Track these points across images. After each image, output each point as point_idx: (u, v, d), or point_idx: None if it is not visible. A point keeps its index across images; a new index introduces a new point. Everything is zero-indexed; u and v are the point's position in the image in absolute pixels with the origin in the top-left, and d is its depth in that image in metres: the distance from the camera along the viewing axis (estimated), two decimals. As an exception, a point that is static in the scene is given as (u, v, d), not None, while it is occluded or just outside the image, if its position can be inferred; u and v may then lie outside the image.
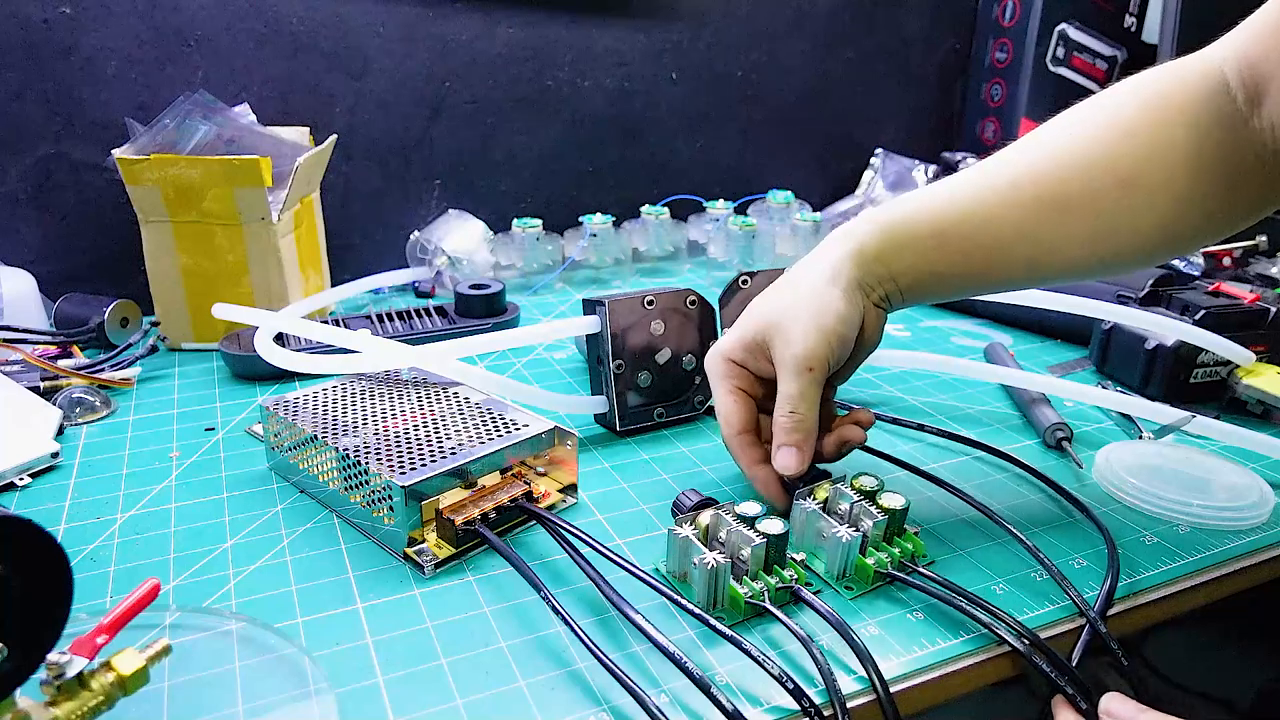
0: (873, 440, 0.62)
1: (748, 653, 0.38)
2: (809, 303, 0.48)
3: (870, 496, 0.48)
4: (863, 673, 0.38)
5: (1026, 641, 0.40)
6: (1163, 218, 0.45)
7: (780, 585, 0.43)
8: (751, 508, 0.45)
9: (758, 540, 0.43)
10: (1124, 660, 0.41)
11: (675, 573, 0.46)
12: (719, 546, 0.44)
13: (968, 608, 0.42)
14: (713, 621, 0.40)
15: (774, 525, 0.44)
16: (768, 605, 0.41)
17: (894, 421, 0.64)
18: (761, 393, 0.52)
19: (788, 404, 0.48)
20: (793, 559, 0.45)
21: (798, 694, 0.36)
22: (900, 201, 0.49)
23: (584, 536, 0.46)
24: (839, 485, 0.48)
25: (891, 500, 0.47)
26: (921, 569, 0.45)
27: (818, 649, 0.39)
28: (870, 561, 0.45)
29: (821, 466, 0.52)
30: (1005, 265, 0.48)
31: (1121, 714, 0.38)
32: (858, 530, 0.45)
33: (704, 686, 0.36)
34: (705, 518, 0.45)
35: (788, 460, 0.48)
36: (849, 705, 0.37)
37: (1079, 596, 0.44)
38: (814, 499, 0.47)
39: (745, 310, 0.52)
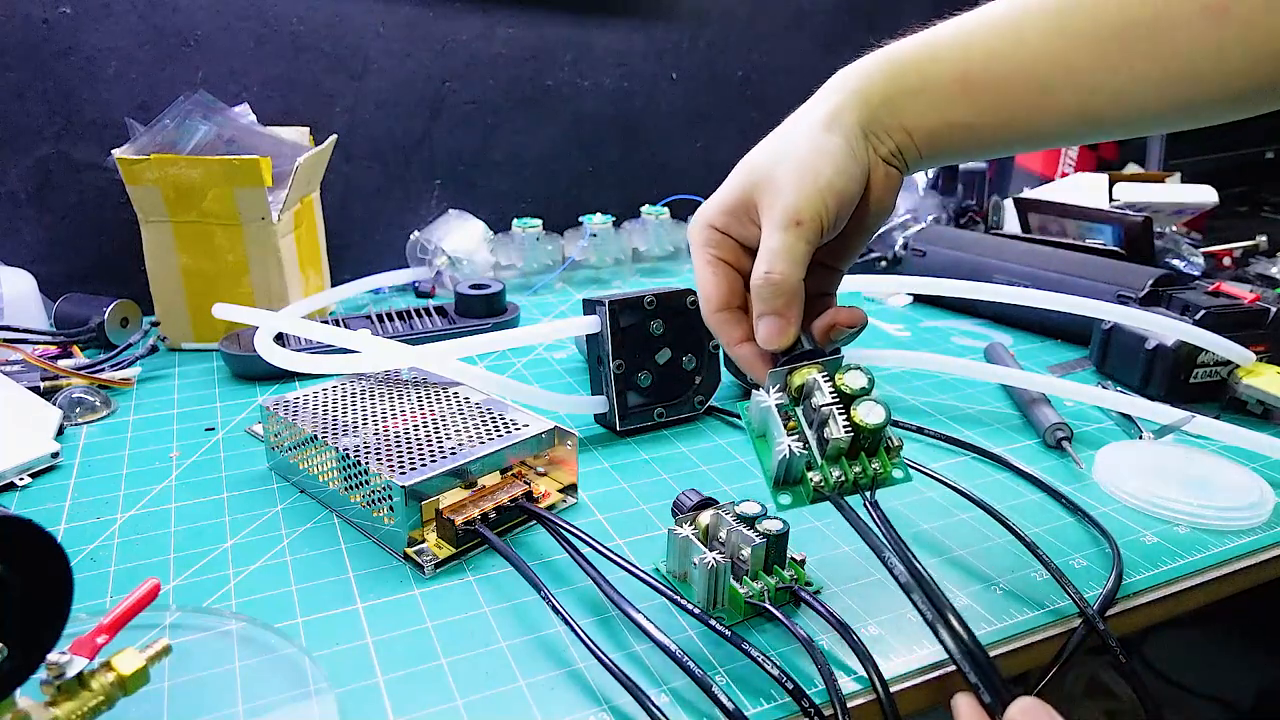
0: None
1: (747, 653, 0.38)
2: (802, 149, 0.40)
3: (849, 401, 0.39)
4: (863, 673, 0.38)
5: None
6: (1250, 46, 0.36)
7: (780, 585, 0.42)
8: (751, 507, 0.45)
9: (758, 540, 0.43)
10: (1122, 658, 0.41)
11: (675, 572, 0.45)
12: (719, 546, 0.44)
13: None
14: (712, 622, 0.40)
15: (774, 525, 0.44)
16: (768, 605, 0.41)
17: (893, 424, 0.64)
18: (749, 265, 0.42)
19: (766, 262, 0.39)
20: (793, 559, 0.44)
21: (797, 694, 0.36)
22: (916, 36, 0.41)
23: (584, 536, 0.46)
24: (816, 378, 0.39)
25: (868, 413, 0.38)
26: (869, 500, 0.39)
27: (818, 649, 0.39)
28: (815, 479, 0.38)
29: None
30: (1052, 113, 0.39)
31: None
32: (825, 440, 0.38)
33: (705, 686, 0.36)
34: (705, 517, 0.45)
35: (769, 331, 0.39)
36: (849, 705, 0.37)
37: (1078, 594, 0.44)
38: (782, 391, 0.39)
39: (734, 170, 0.44)
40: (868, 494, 0.39)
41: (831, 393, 0.38)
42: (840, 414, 0.38)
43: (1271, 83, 0.37)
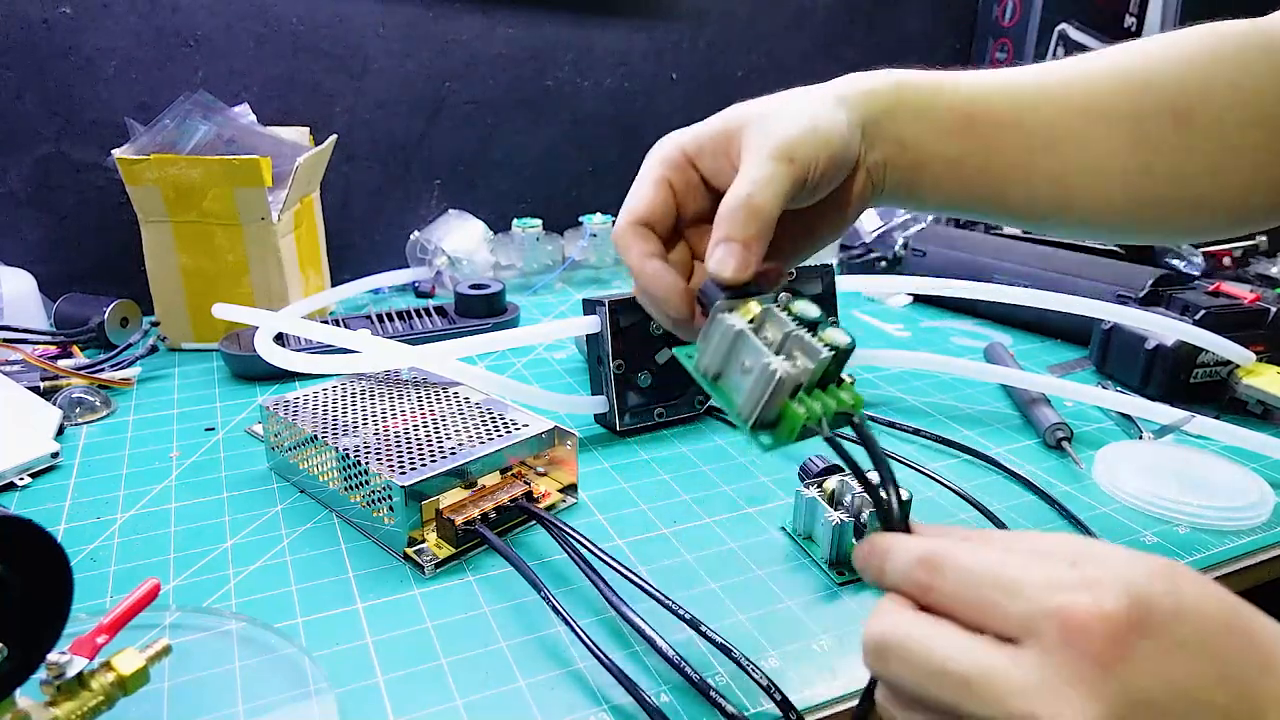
0: (873, 440, 0.62)
1: (736, 661, 0.38)
2: (803, 105, 0.38)
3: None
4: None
5: None
6: (1212, 159, 0.41)
7: (839, 410, 0.33)
8: (810, 308, 0.34)
9: (825, 352, 0.32)
10: None
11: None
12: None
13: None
14: (705, 629, 0.39)
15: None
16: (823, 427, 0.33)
17: (890, 425, 0.64)
18: (696, 203, 0.39)
19: (749, 185, 0.35)
20: (845, 379, 0.34)
21: (785, 706, 0.36)
22: (929, 72, 0.42)
23: (583, 540, 0.46)
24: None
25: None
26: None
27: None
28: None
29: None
30: (1029, 175, 0.41)
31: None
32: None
33: (703, 689, 0.36)
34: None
35: (728, 257, 0.34)
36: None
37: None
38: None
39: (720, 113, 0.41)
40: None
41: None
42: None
43: (1231, 199, 0.42)
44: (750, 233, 0.35)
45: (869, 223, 1.14)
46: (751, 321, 0.34)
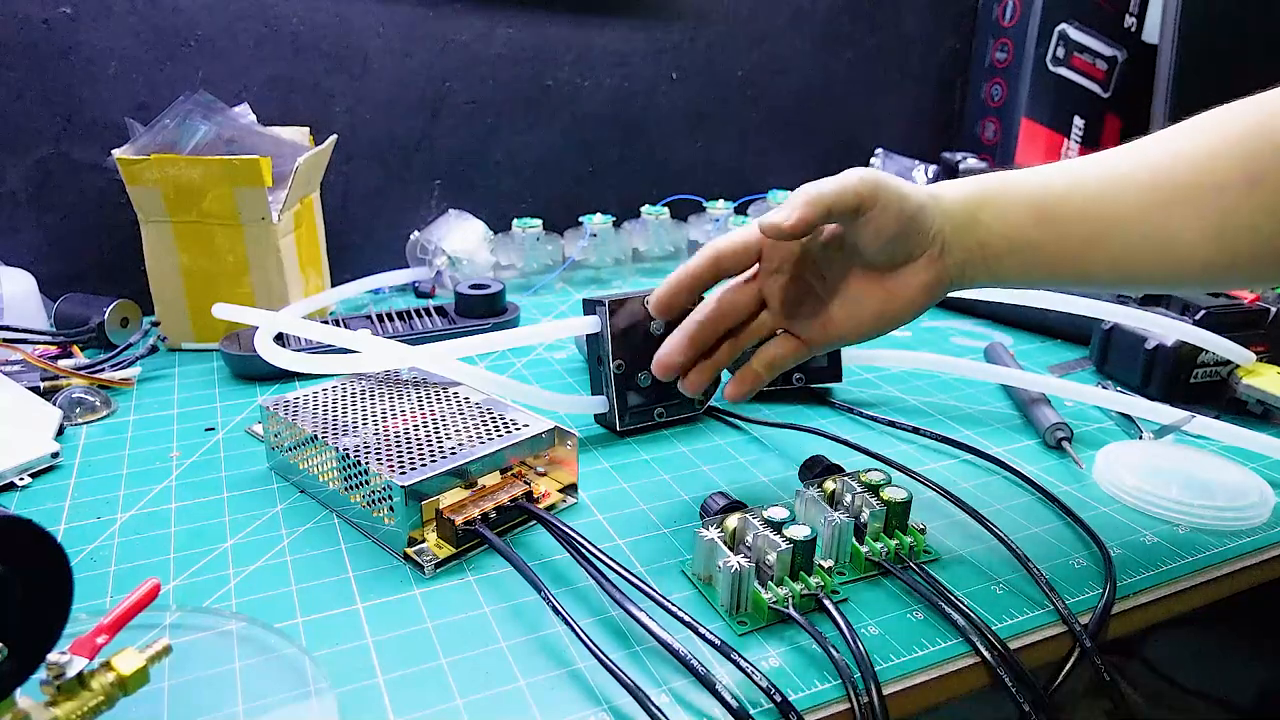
0: (870, 441, 0.62)
1: (736, 663, 0.38)
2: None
3: (875, 490, 0.48)
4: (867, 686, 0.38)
5: (996, 652, 0.41)
6: None
7: (805, 592, 0.42)
8: (779, 512, 0.45)
9: (784, 545, 0.42)
10: (1107, 676, 0.41)
11: (701, 575, 0.46)
12: (745, 550, 0.44)
13: (948, 611, 0.42)
14: (701, 629, 0.39)
15: (801, 531, 0.43)
16: (791, 611, 0.41)
17: (890, 424, 0.64)
18: (761, 288, 0.48)
19: (823, 183, 0.43)
20: (820, 566, 0.44)
21: (785, 708, 0.36)
22: (996, 174, 0.46)
23: (583, 540, 0.46)
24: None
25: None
26: (915, 565, 0.45)
27: (839, 653, 0.39)
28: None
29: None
30: (1102, 254, 0.44)
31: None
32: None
33: (709, 684, 0.36)
34: (732, 521, 0.45)
35: (778, 217, 0.42)
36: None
37: (1067, 610, 0.43)
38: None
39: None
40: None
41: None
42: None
43: None
44: (801, 208, 0.42)
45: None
46: (725, 533, 0.44)
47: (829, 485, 0.49)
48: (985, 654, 0.40)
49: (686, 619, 0.40)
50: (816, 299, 0.48)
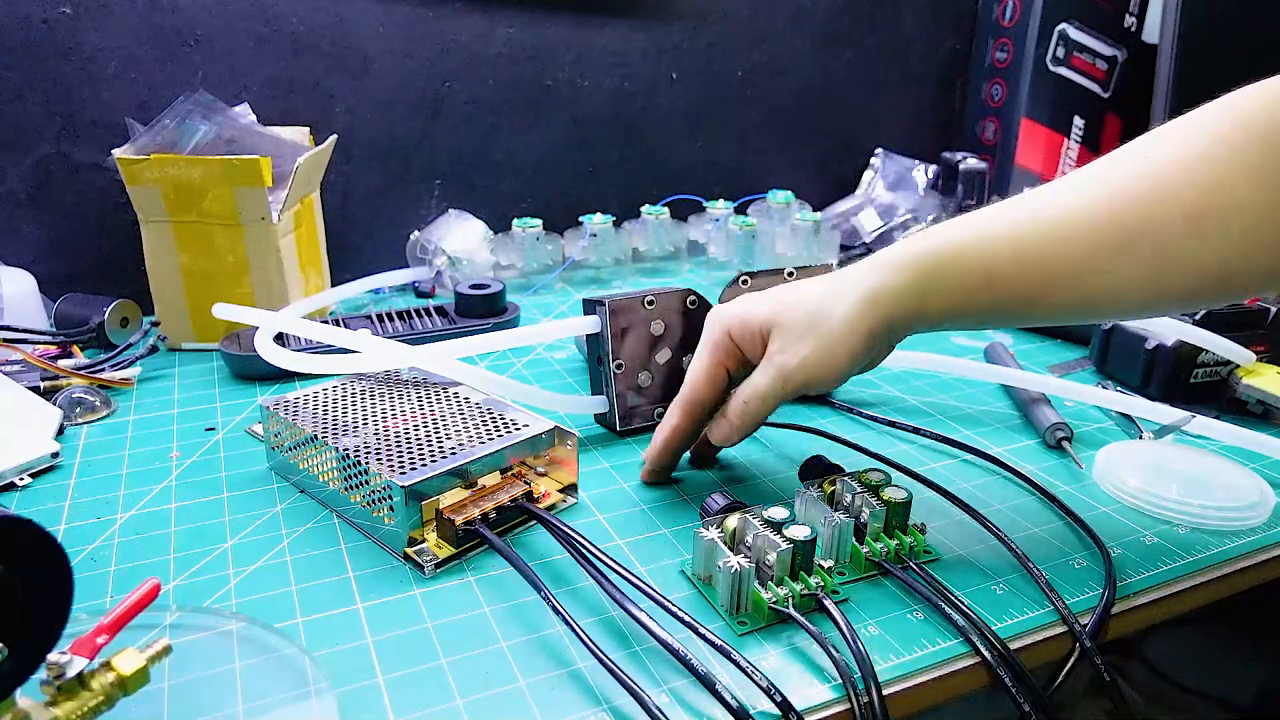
0: (870, 441, 0.62)
1: (736, 663, 0.38)
2: (830, 333, 0.46)
3: (875, 490, 0.48)
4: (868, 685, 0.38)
5: (996, 652, 0.41)
6: (1227, 252, 0.41)
7: (805, 592, 0.42)
8: (779, 512, 0.44)
9: (784, 545, 0.42)
10: (1106, 676, 0.41)
11: (701, 575, 0.46)
12: (745, 551, 0.44)
13: (948, 611, 0.42)
14: (701, 630, 0.39)
15: (801, 531, 0.43)
16: (791, 611, 0.41)
17: (890, 424, 0.64)
18: (738, 369, 0.53)
19: (749, 396, 0.50)
20: (820, 566, 0.44)
21: (785, 707, 0.36)
22: (949, 232, 0.47)
23: (583, 540, 0.46)
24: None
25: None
26: (915, 565, 0.46)
27: (839, 653, 0.39)
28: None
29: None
30: (1051, 304, 0.45)
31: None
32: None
33: (709, 684, 0.36)
34: (732, 521, 0.45)
35: (723, 433, 0.52)
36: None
37: (1067, 610, 0.43)
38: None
39: (768, 291, 0.51)
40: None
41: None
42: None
43: (1245, 281, 0.43)
44: (740, 425, 0.51)
45: (869, 223, 1.14)
46: (725, 533, 0.44)
47: (829, 485, 0.49)
48: (985, 654, 0.40)
49: (686, 619, 0.40)
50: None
